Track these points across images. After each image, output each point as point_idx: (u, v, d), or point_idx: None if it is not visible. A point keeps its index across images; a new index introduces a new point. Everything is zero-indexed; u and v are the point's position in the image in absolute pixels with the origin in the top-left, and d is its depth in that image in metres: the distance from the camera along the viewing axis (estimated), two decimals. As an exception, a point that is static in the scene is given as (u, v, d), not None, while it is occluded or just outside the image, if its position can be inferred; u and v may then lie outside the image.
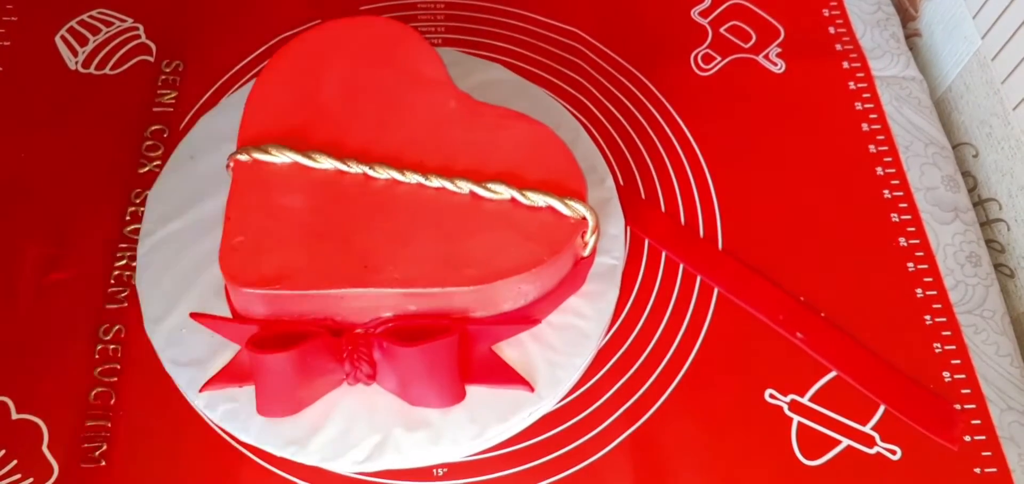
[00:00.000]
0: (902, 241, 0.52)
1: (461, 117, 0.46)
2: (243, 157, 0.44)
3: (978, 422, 0.46)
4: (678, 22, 0.61)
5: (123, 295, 0.49)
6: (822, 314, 0.49)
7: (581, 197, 0.44)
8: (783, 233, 0.52)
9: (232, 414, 0.44)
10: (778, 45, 0.60)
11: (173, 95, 0.56)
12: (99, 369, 0.46)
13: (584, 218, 0.44)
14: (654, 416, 0.46)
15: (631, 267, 0.50)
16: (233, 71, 0.58)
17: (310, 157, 0.44)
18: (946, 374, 0.47)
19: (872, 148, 0.55)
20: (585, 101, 0.57)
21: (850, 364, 0.47)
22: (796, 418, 0.46)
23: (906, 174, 0.54)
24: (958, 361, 0.48)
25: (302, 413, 0.43)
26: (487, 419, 0.44)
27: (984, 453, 0.45)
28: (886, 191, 0.54)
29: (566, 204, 0.43)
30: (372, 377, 0.43)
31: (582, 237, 0.44)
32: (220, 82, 0.57)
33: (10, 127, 0.55)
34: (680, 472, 0.44)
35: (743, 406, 0.46)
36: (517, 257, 0.42)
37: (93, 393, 0.46)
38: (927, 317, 0.49)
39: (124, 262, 0.50)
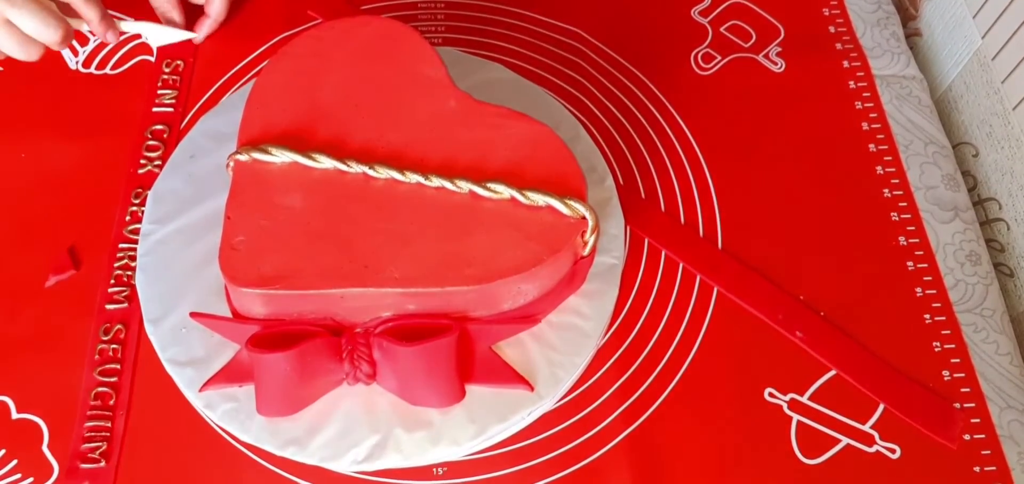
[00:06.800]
0: (902, 240, 0.52)
1: (461, 117, 0.46)
2: (243, 157, 0.44)
3: (977, 420, 0.46)
4: (678, 22, 0.61)
5: (123, 295, 0.49)
6: (821, 313, 0.49)
7: (581, 197, 0.44)
8: (783, 232, 0.52)
9: (232, 414, 0.44)
10: (778, 44, 0.60)
11: (173, 95, 0.56)
12: (99, 369, 0.46)
13: (584, 218, 0.44)
14: (653, 415, 0.46)
15: (631, 267, 0.50)
16: (233, 71, 0.58)
17: (310, 157, 0.44)
18: (945, 373, 0.47)
19: (872, 147, 0.55)
20: (585, 101, 0.57)
21: (849, 363, 0.47)
22: (795, 417, 0.46)
23: (906, 173, 0.54)
24: (957, 360, 0.48)
25: (302, 413, 0.44)
26: (487, 419, 0.44)
27: (983, 452, 0.45)
28: (886, 190, 0.54)
29: (566, 204, 0.43)
30: (372, 377, 0.43)
31: (582, 237, 0.44)
32: (220, 82, 0.57)
33: (10, 127, 0.55)
34: (679, 471, 0.44)
35: (742, 405, 0.46)
36: (517, 257, 0.42)
37: (93, 393, 0.46)
38: (927, 316, 0.49)
39: (124, 262, 0.50)
